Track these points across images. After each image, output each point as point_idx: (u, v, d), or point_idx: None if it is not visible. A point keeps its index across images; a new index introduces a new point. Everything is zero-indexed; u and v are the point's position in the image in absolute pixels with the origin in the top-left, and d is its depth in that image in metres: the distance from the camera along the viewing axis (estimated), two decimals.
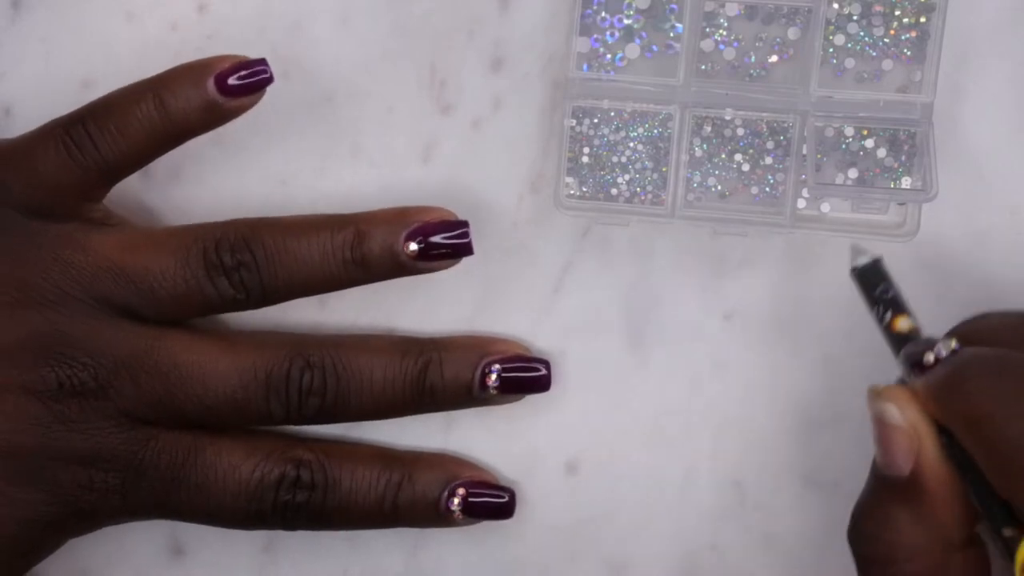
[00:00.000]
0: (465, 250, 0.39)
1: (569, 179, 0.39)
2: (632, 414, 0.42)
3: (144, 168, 0.41)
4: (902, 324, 0.35)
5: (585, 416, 0.42)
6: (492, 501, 0.40)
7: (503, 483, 0.41)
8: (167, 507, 0.39)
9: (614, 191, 0.39)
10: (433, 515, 0.40)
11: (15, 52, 0.42)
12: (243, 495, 0.39)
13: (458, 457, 0.42)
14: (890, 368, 0.35)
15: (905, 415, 0.33)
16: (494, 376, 0.40)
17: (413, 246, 0.39)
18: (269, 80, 0.38)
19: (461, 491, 0.40)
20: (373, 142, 0.41)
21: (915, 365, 0.33)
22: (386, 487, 0.40)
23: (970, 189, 0.40)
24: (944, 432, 0.33)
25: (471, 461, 0.42)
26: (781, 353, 0.41)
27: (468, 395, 0.40)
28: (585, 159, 0.39)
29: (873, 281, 0.35)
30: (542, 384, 0.40)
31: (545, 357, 0.41)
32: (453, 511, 0.40)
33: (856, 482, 0.41)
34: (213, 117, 0.38)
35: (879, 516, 0.33)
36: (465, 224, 0.39)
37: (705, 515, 0.42)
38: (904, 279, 0.36)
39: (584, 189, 0.40)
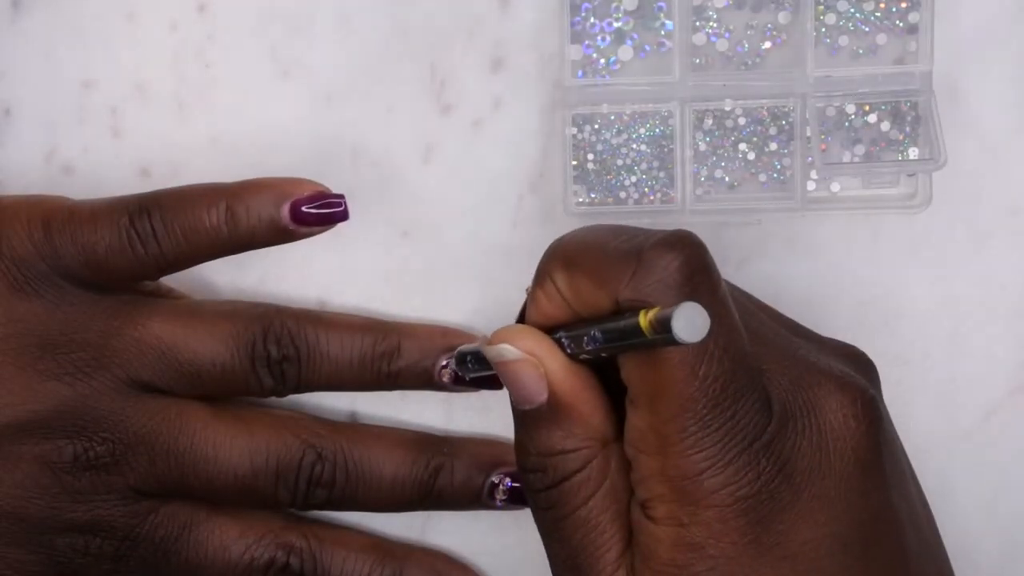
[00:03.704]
0: (495, 384, 0.40)
1: (576, 187, 0.40)
2: None
3: (143, 168, 0.42)
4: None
5: None
6: None
7: None
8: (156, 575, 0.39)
9: (623, 194, 0.39)
10: None
11: (15, 52, 0.42)
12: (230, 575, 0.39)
13: (450, 557, 0.42)
14: (892, 366, 0.35)
15: (520, 345, 0.33)
16: (503, 489, 0.40)
17: (447, 374, 0.40)
18: (343, 216, 0.38)
19: None
20: (373, 142, 0.41)
21: (521, 313, 0.34)
22: None
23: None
24: (557, 332, 0.33)
25: (463, 563, 0.42)
26: None
27: (475, 500, 0.40)
28: (590, 165, 0.39)
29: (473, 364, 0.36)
30: None
31: None
32: None
33: None
34: (278, 238, 0.38)
35: (537, 446, 0.33)
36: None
37: None
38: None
39: (592, 195, 0.40)
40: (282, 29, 0.41)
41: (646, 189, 0.39)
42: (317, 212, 0.38)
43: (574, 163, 0.39)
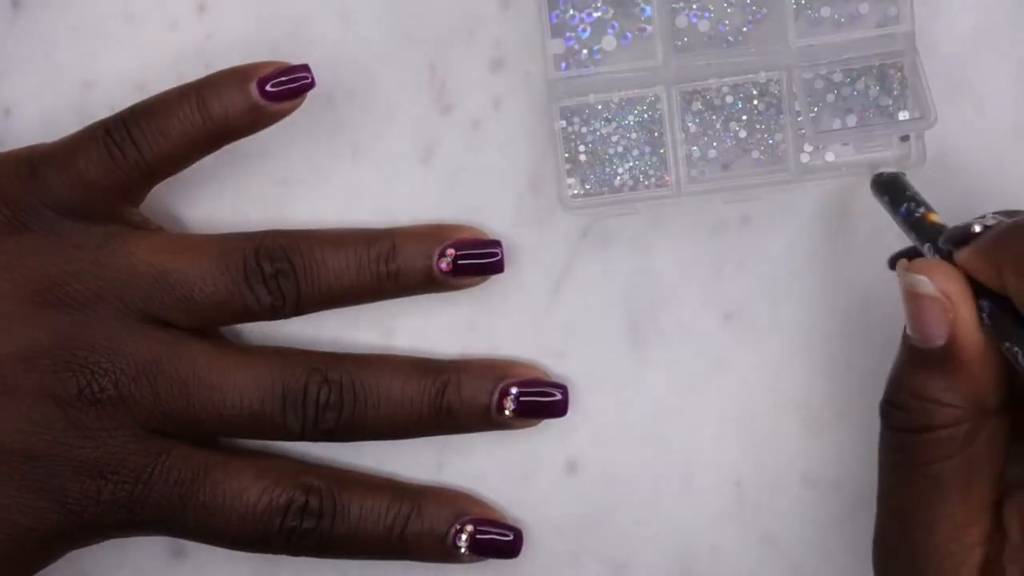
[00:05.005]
0: (496, 268, 0.40)
1: (570, 179, 0.39)
2: (632, 414, 0.42)
3: None
4: (936, 219, 0.36)
5: (585, 416, 0.42)
6: (498, 539, 0.41)
7: (510, 522, 0.41)
8: (171, 524, 0.39)
9: (617, 182, 0.39)
10: (439, 550, 0.40)
11: (15, 52, 0.42)
12: (249, 518, 0.39)
13: (468, 494, 0.42)
14: (891, 364, 0.35)
15: (938, 284, 0.33)
16: (511, 399, 0.40)
17: (446, 263, 0.39)
18: (310, 85, 0.39)
19: (469, 528, 0.40)
20: (373, 142, 0.41)
21: (960, 240, 0.34)
22: (395, 519, 0.40)
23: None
24: (981, 297, 0.33)
25: (480, 498, 0.42)
26: (781, 353, 0.41)
27: (485, 417, 0.40)
28: (583, 157, 0.39)
29: (900, 186, 0.37)
30: (559, 409, 0.41)
31: (563, 383, 0.41)
32: (460, 547, 0.40)
33: (856, 482, 0.41)
34: (255, 120, 0.39)
35: (914, 386, 0.34)
36: (497, 244, 0.40)
37: (705, 515, 0.42)
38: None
39: (587, 186, 0.39)
40: (282, 29, 0.41)
41: (640, 175, 0.39)
42: (285, 87, 0.38)
43: (566, 155, 0.39)
